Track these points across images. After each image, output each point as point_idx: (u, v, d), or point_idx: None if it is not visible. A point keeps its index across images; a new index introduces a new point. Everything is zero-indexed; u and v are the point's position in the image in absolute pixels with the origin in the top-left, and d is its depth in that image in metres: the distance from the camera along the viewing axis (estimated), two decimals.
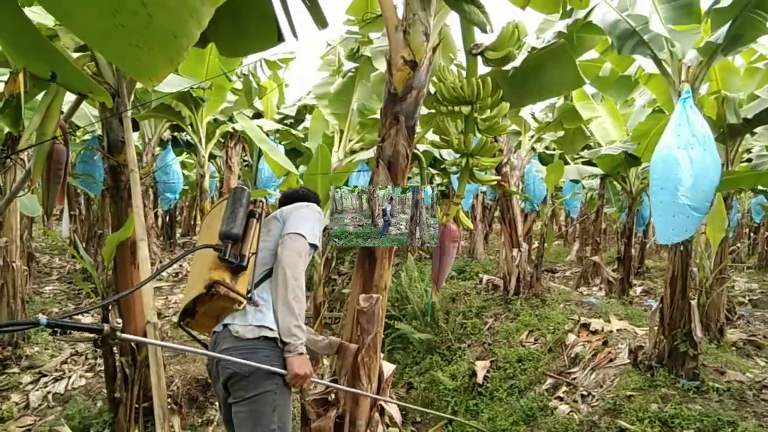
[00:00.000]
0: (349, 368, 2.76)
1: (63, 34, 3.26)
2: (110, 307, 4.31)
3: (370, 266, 2.76)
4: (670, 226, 3.92)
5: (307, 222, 2.52)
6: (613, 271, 9.15)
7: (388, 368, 3.02)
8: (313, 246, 2.49)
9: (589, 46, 5.21)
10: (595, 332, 6.04)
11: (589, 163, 9.25)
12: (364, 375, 2.77)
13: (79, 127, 6.30)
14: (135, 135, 8.93)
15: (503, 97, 3.32)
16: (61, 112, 3.75)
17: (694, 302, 4.72)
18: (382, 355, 2.94)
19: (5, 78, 3.49)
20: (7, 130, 4.21)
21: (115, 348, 4.12)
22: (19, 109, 3.77)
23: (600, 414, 4.51)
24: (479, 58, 2.52)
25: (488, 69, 3.27)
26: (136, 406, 3.87)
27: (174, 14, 1.00)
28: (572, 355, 5.81)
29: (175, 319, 6.63)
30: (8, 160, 4.62)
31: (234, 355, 2.28)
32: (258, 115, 8.56)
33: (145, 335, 3.38)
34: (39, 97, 3.54)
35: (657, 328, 4.85)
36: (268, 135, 7.28)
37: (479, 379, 6.12)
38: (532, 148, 9.09)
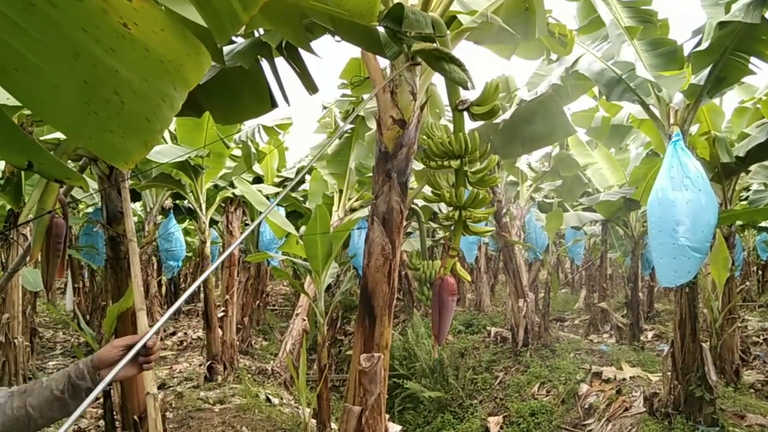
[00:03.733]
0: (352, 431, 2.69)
1: None
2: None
3: (369, 325, 2.73)
4: (671, 268, 3.90)
5: None
6: (623, 316, 9.03)
7: (395, 430, 2.95)
8: None
9: (579, 93, 5.34)
10: (607, 381, 5.91)
11: (589, 209, 9.28)
12: None
13: (79, 201, 6.38)
14: (137, 204, 9.04)
15: (495, 149, 3.37)
16: (61, 187, 3.82)
17: (705, 345, 4.64)
18: (387, 416, 2.87)
19: None
20: (8, 206, 4.28)
21: (117, 422, 4.04)
22: (19, 186, 3.84)
23: None
24: (466, 114, 2.56)
25: (480, 123, 3.34)
26: None
27: (146, 100, 1.04)
28: (586, 406, 5.66)
29: (180, 388, 6.52)
30: (9, 236, 4.67)
31: None
32: (258, 179, 8.67)
33: (145, 407, 3.31)
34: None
35: (670, 373, 4.75)
36: (268, 198, 7.35)
37: None
38: (531, 198, 9.15)
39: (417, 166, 3.33)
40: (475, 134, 2.43)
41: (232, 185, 7.05)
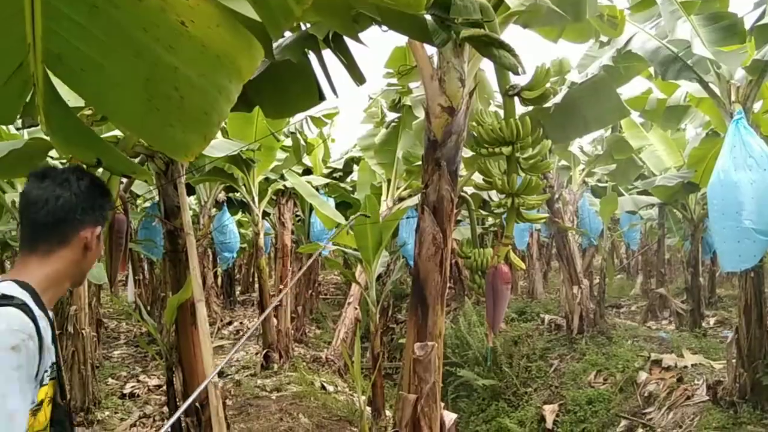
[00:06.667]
0: (409, 419, 2.71)
1: None
2: (174, 367, 4.40)
3: (422, 314, 2.73)
4: (735, 253, 3.74)
5: None
6: (682, 302, 8.74)
7: (450, 417, 2.95)
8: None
9: (632, 75, 5.17)
10: (668, 369, 5.75)
11: (644, 192, 9.00)
12: (425, 426, 2.71)
13: (138, 196, 6.59)
14: (191, 199, 9.30)
15: (547, 134, 3.29)
16: (121, 183, 3.96)
17: None
18: (442, 404, 2.88)
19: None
20: None
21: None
22: None
23: None
24: (516, 99, 2.52)
25: (530, 108, 3.27)
26: None
27: (204, 94, 1.07)
28: (645, 394, 5.53)
29: (238, 376, 6.71)
30: None
31: None
32: (308, 171, 8.78)
33: (206, 395, 3.42)
34: (100, 170, 3.74)
35: (735, 360, 4.58)
36: (318, 190, 7.44)
37: (548, 424, 5.91)
38: (584, 182, 8.94)
39: (466, 153, 3.30)
40: (527, 119, 2.39)
41: (282, 177, 7.16)
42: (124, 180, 3.94)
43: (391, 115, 7.00)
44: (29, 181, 1.48)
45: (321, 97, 3.12)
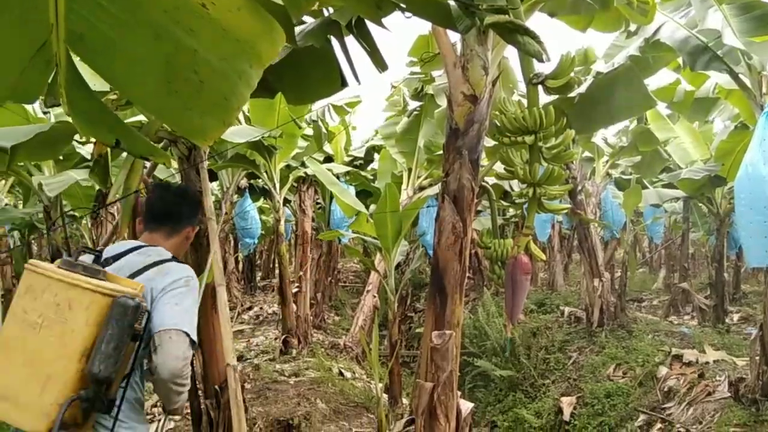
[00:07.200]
0: (425, 407, 2.72)
1: None
2: (194, 352, 4.46)
3: (441, 302, 2.73)
4: (762, 248, 3.66)
5: (189, 310, 2.04)
6: (706, 298, 8.60)
7: (466, 406, 2.95)
8: (192, 344, 1.99)
9: (660, 66, 5.06)
10: (689, 364, 5.67)
11: (670, 185, 8.84)
12: (442, 414, 2.72)
13: (161, 180, 6.66)
14: (214, 184, 9.37)
15: (570, 124, 3.26)
16: (144, 167, 4.01)
17: None
18: (459, 393, 2.88)
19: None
20: (97, 187, 4.53)
21: (200, 391, 4.25)
22: (107, 167, 4.05)
23: None
24: (540, 88, 2.49)
25: (554, 98, 3.23)
26: None
27: (224, 78, 1.07)
28: (665, 389, 5.46)
29: (257, 360, 6.78)
30: (99, 215, 4.96)
31: None
32: (329, 158, 8.79)
33: (225, 378, 3.47)
34: (124, 155, 3.79)
35: (759, 357, 4.50)
36: (338, 177, 7.44)
37: (566, 416, 5.87)
38: (608, 174, 8.82)
39: (488, 142, 3.27)
40: (551, 109, 2.35)
41: (303, 165, 7.18)
42: (148, 164, 3.99)
43: (413, 104, 6.97)
44: (157, 188, 2.54)
45: (343, 84, 3.10)
